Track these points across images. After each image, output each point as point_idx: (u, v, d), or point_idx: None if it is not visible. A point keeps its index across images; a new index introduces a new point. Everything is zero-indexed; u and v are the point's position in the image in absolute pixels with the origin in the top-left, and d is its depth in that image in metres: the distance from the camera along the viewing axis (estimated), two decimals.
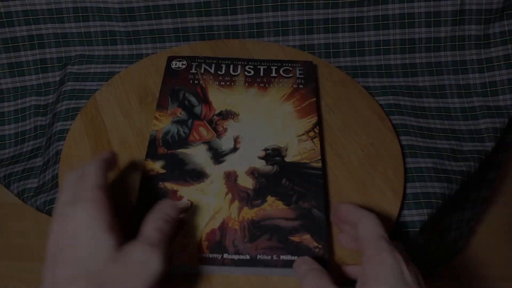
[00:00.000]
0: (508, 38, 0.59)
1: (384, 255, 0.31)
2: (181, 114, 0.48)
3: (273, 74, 0.52)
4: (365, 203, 0.44)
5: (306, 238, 0.38)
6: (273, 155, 0.45)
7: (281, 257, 0.37)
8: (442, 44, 0.60)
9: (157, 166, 0.43)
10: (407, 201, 0.47)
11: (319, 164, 0.44)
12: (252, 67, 0.53)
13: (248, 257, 0.37)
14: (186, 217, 0.40)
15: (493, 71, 0.59)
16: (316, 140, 0.46)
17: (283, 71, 0.53)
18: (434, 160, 0.51)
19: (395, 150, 0.49)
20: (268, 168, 0.44)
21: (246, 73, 0.53)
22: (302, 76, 0.52)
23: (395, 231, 0.45)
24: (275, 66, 0.53)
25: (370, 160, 0.48)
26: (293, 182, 0.42)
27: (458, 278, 0.95)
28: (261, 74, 0.53)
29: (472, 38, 0.60)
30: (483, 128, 0.56)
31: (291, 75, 0.52)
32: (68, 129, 0.52)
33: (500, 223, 1.03)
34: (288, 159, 0.44)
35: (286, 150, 0.45)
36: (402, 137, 0.52)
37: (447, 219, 0.68)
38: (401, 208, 0.46)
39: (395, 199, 0.45)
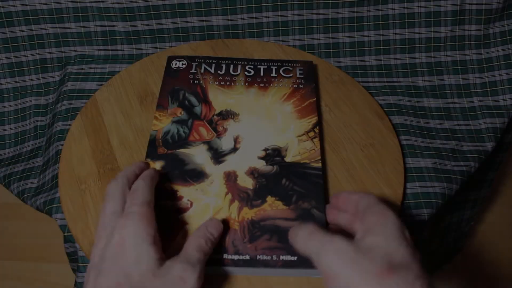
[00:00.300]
0: (508, 38, 0.59)
1: (388, 212, 0.32)
2: (181, 114, 0.48)
3: (273, 74, 0.52)
4: None
5: None
6: (273, 155, 0.45)
7: (281, 257, 0.37)
8: (442, 44, 0.60)
9: (157, 166, 0.43)
10: (407, 201, 0.47)
11: (319, 164, 0.44)
12: (252, 67, 0.53)
13: (247, 257, 0.37)
14: (186, 218, 0.40)
15: (493, 71, 0.59)
16: (316, 140, 0.46)
17: (283, 71, 0.53)
18: (434, 160, 0.51)
19: (395, 150, 0.49)
20: (268, 168, 0.44)
21: (246, 73, 0.53)
22: (302, 76, 0.52)
23: None
24: (275, 66, 0.53)
25: (370, 160, 0.48)
26: (293, 182, 0.42)
27: (458, 278, 0.95)
28: (261, 74, 0.52)
29: (472, 38, 0.60)
30: (483, 128, 0.56)
31: (291, 75, 0.52)
32: (68, 129, 0.52)
33: (500, 223, 1.03)
34: (288, 159, 0.44)
35: (286, 150, 0.45)
36: (402, 137, 0.52)
37: (447, 219, 0.68)
38: (401, 208, 0.46)
39: (395, 199, 0.45)
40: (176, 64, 0.53)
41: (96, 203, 0.43)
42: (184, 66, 0.53)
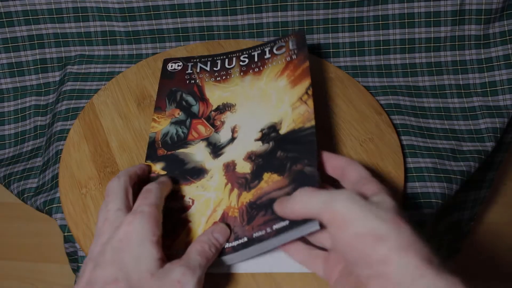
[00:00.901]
0: (508, 38, 0.59)
1: (382, 185, 0.33)
2: (179, 115, 0.48)
3: (267, 56, 0.51)
4: None
5: None
6: (269, 132, 0.43)
7: (274, 227, 0.36)
8: (442, 44, 0.60)
9: (157, 168, 0.43)
10: (407, 201, 0.47)
11: (312, 123, 0.42)
12: (246, 55, 0.52)
13: (245, 239, 0.36)
14: (188, 216, 0.40)
15: (493, 71, 0.59)
16: (310, 101, 0.43)
17: (277, 48, 0.51)
18: (434, 160, 0.51)
19: (394, 144, 0.49)
20: (264, 147, 0.42)
21: (241, 63, 0.51)
22: (295, 47, 0.50)
23: None
24: (268, 47, 0.52)
25: (369, 155, 0.48)
26: (288, 150, 0.41)
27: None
28: (255, 59, 0.51)
29: (472, 38, 0.60)
30: (483, 128, 0.56)
31: (284, 50, 0.50)
32: (68, 129, 0.52)
33: (500, 223, 1.03)
34: (283, 131, 0.43)
35: (281, 123, 0.44)
36: (402, 137, 0.52)
37: (447, 219, 0.68)
38: (403, 202, 0.46)
39: (396, 193, 0.45)
40: (171, 66, 0.53)
41: (97, 206, 0.43)
42: (180, 67, 0.53)
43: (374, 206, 0.29)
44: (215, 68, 0.52)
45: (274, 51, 0.51)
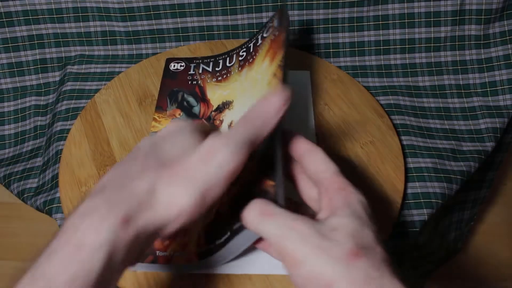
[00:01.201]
0: (508, 38, 0.59)
1: (351, 189, 0.31)
2: (179, 115, 0.48)
3: (259, 43, 0.49)
4: None
5: (266, 184, 0.35)
6: None
7: None
8: (442, 44, 0.60)
9: None
10: (407, 201, 0.47)
11: None
12: (244, 49, 0.51)
13: (228, 233, 0.36)
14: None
15: (493, 71, 0.59)
16: (279, 72, 0.39)
17: (266, 31, 0.48)
18: (434, 160, 0.51)
19: (395, 147, 0.49)
20: None
21: (239, 58, 0.51)
22: (278, 24, 0.46)
23: (395, 231, 0.45)
24: (260, 33, 0.50)
25: (370, 158, 0.48)
26: None
27: (458, 278, 0.95)
28: (251, 50, 0.50)
29: (472, 38, 0.60)
30: (483, 128, 0.56)
31: (270, 31, 0.47)
32: (69, 129, 0.52)
33: (500, 223, 1.03)
34: None
35: None
36: (402, 137, 0.52)
37: (447, 219, 0.68)
38: (401, 208, 0.46)
39: (396, 196, 0.45)
40: (174, 66, 0.53)
41: None
42: (182, 68, 0.53)
43: (327, 241, 0.27)
44: (217, 68, 0.52)
45: (264, 35, 0.48)
